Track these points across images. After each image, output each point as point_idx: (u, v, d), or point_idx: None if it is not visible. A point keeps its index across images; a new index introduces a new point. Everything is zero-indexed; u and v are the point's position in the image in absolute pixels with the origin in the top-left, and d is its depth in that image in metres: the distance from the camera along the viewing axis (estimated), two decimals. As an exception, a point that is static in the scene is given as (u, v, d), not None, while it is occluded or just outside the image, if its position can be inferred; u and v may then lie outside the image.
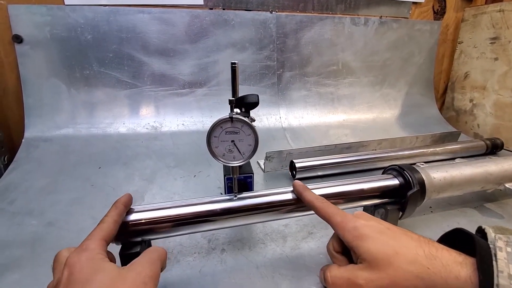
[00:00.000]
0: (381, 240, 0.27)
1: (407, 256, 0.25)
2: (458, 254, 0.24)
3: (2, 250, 0.37)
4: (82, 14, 0.65)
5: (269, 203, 0.34)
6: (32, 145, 0.62)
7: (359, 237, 0.27)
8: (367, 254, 0.26)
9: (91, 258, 0.23)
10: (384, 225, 0.29)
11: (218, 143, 0.31)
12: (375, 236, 0.27)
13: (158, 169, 0.58)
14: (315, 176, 0.56)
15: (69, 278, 0.22)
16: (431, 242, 0.26)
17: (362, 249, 0.26)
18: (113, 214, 0.28)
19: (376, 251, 0.26)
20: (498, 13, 0.80)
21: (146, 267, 0.24)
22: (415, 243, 0.26)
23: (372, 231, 0.27)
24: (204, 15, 0.71)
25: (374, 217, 0.30)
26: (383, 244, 0.26)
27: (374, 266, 0.25)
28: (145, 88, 0.72)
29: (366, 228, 0.28)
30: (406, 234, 0.27)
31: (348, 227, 0.28)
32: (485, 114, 0.85)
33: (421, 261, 0.24)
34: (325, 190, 0.36)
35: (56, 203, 0.47)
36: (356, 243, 0.27)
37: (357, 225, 0.28)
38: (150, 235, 0.31)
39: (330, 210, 0.30)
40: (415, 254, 0.25)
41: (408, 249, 0.25)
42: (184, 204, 0.32)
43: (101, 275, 0.22)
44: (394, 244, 0.26)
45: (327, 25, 0.81)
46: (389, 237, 0.27)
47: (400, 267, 0.25)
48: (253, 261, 0.34)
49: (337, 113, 0.86)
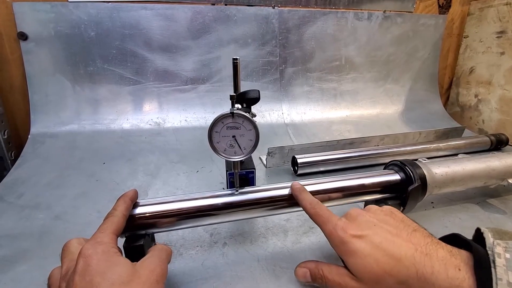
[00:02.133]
0: (369, 257, 0.25)
1: (397, 277, 0.24)
2: (455, 268, 0.22)
3: (11, 242, 0.38)
4: (85, 10, 0.65)
5: (270, 197, 0.34)
6: (38, 141, 0.64)
7: (346, 253, 0.26)
8: (355, 271, 0.26)
9: (107, 251, 0.24)
10: (381, 231, 0.26)
11: (220, 138, 0.31)
12: (364, 252, 0.25)
13: (162, 164, 0.59)
14: (317, 171, 0.56)
15: (86, 268, 0.22)
16: (430, 254, 0.24)
17: (350, 265, 0.26)
18: (122, 209, 0.29)
19: (364, 270, 0.25)
20: (505, 6, 0.79)
21: (158, 266, 0.25)
22: (410, 259, 0.24)
23: (362, 247, 0.26)
24: (206, 11, 0.71)
25: (374, 219, 0.28)
26: (372, 263, 0.25)
27: (363, 281, 0.25)
28: (148, 85, 0.73)
29: (356, 243, 0.26)
30: (407, 242, 0.25)
31: (337, 241, 0.27)
32: (490, 109, 0.84)
33: (413, 283, 0.23)
34: (326, 185, 0.36)
35: (62, 197, 0.48)
36: (344, 258, 0.27)
37: (345, 240, 0.26)
38: (154, 229, 0.32)
39: (320, 219, 0.29)
40: (406, 274, 0.23)
41: (400, 267, 0.24)
42: (187, 198, 0.33)
43: (117, 269, 0.23)
44: (386, 262, 0.24)
45: (330, 20, 0.80)
46: (382, 252, 0.25)
47: (388, 287, 0.24)
48: (254, 254, 0.35)
49: (340, 109, 0.86)
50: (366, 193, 0.38)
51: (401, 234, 0.26)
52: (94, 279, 0.22)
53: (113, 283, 0.22)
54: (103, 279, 0.22)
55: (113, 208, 0.29)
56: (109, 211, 0.29)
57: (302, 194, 0.33)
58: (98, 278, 0.22)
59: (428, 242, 0.25)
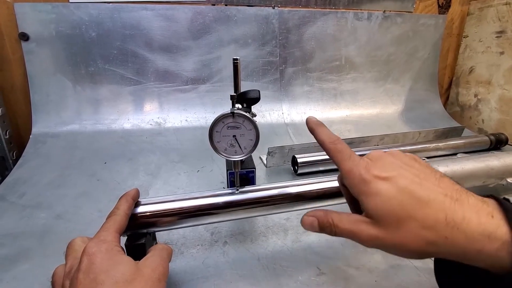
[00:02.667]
0: (394, 199, 0.22)
1: (423, 221, 0.21)
2: (488, 216, 0.20)
3: (13, 241, 0.38)
4: (86, 11, 0.66)
5: (270, 196, 0.34)
6: (40, 141, 0.64)
7: (367, 193, 0.23)
8: (375, 213, 0.23)
9: (110, 250, 0.24)
10: (407, 173, 0.23)
11: (220, 138, 0.31)
12: (388, 194, 0.22)
13: (162, 164, 0.60)
14: (317, 171, 0.56)
15: (90, 266, 0.22)
16: (461, 200, 0.21)
17: (369, 205, 0.23)
18: (124, 208, 0.29)
19: (386, 213, 0.22)
20: (504, 6, 0.79)
21: (160, 265, 0.25)
22: (439, 203, 0.21)
23: (386, 188, 0.23)
24: (206, 11, 0.72)
25: (398, 161, 0.25)
26: (396, 205, 0.22)
27: (381, 224, 0.22)
28: (149, 85, 0.73)
29: (379, 184, 0.23)
30: (436, 186, 0.22)
31: (357, 179, 0.24)
32: (490, 109, 0.84)
33: (440, 228, 0.21)
34: (326, 184, 0.36)
35: (63, 197, 0.48)
36: (362, 198, 0.23)
37: (367, 179, 0.23)
38: (155, 227, 0.32)
39: (340, 156, 0.26)
40: (435, 219, 0.21)
41: (427, 211, 0.21)
42: (188, 197, 0.33)
43: (121, 267, 0.23)
44: (411, 205, 0.22)
45: (330, 20, 0.80)
46: (407, 195, 0.22)
47: (411, 231, 0.21)
48: (254, 253, 0.35)
49: (340, 109, 0.86)
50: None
51: (429, 178, 0.23)
52: (98, 277, 0.22)
53: (116, 281, 0.22)
54: (107, 277, 0.22)
55: (115, 207, 0.29)
56: (112, 210, 0.29)
57: (320, 127, 0.29)
58: (102, 276, 0.22)
59: (457, 188, 0.23)
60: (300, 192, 0.35)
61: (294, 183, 0.36)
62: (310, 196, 0.35)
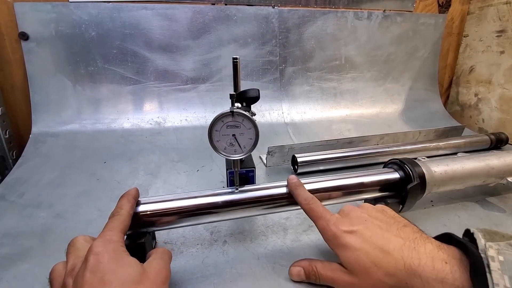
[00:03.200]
0: (360, 250, 0.26)
1: (386, 269, 0.25)
2: (442, 262, 0.23)
3: (13, 241, 0.38)
4: (86, 11, 0.65)
5: (269, 196, 0.34)
6: (40, 140, 0.64)
7: (338, 246, 0.28)
8: (346, 264, 0.27)
9: (117, 250, 0.24)
10: (371, 226, 0.28)
11: (220, 137, 0.31)
12: (355, 246, 0.27)
13: (162, 163, 0.59)
14: (317, 170, 0.56)
15: (97, 265, 0.22)
16: (418, 248, 0.25)
17: (342, 258, 0.27)
18: (127, 208, 0.29)
19: (355, 263, 0.26)
20: (505, 5, 0.79)
21: (164, 268, 0.26)
22: (398, 252, 0.25)
23: (353, 241, 0.27)
24: (206, 11, 0.72)
25: (365, 214, 0.29)
26: (362, 255, 0.26)
27: (354, 273, 0.27)
28: (148, 84, 0.73)
29: (347, 237, 0.27)
30: (396, 236, 0.26)
31: (329, 235, 0.29)
32: (490, 108, 0.84)
33: (400, 275, 0.24)
34: (325, 183, 0.36)
35: (63, 196, 0.48)
36: (337, 251, 0.28)
37: (337, 234, 0.28)
38: (155, 227, 0.32)
39: (314, 214, 0.30)
40: (395, 267, 0.25)
41: (389, 260, 0.25)
42: (187, 196, 0.33)
43: (128, 268, 0.23)
44: (375, 255, 0.26)
45: (330, 20, 0.80)
46: (371, 246, 0.26)
47: (377, 279, 0.25)
48: (254, 252, 0.35)
49: (340, 108, 0.86)
50: (365, 192, 0.38)
51: (391, 229, 0.27)
52: (106, 276, 0.22)
53: (124, 282, 0.22)
54: (115, 277, 0.22)
55: (118, 206, 0.29)
56: (114, 210, 0.29)
57: (298, 189, 0.33)
58: (109, 276, 0.22)
59: (416, 237, 0.26)
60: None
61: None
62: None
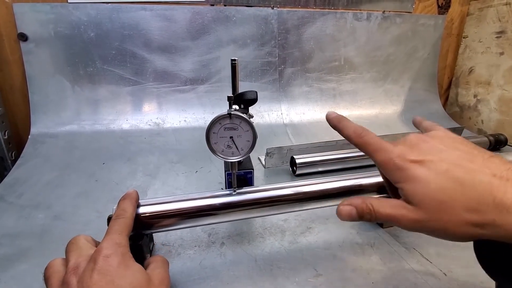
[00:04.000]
0: (434, 184, 0.21)
1: (466, 203, 0.20)
2: None
3: (12, 241, 0.38)
4: (85, 11, 0.66)
5: (267, 198, 0.34)
6: (39, 141, 0.64)
7: (404, 180, 0.23)
8: (413, 198, 0.22)
9: (125, 254, 0.25)
10: (449, 157, 0.22)
11: (217, 139, 0.31)
12: (427, 179, 0.22)
13: (161, 164, 0.60)
14: (316, 172, 0.56)
15: (108, 268, 0.22)
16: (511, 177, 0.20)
17: (408, 191, 0.22)
18: (131, 211, 0.29)
19: (425, 197, 0.21)
20: (504, 7, 0.79)
21: (166, 278, 0.27)
22: (485, 185, 0.20)
23: (424, 173, 0.22)
24: (205, 12, 0.72)
25: (440, 144, 0.24)
26: (436, 189, 0.21)
27: (422, 209, 0.22)
28: (147, 85, 0.73)
29: (417, 169, 0.22)
30: (482, 167, 0.21)
31: (392, 168, 0.23)
32: (490, 109, 0.84)
33: (486, 210, 0.19)
34: (323, 185, 0.36)
35: (62, 197, 0.48)
36: (401, 185, 0.23)
37: (404, 166, 0.23)
38: (153, 229, 0.32)
39: (370, 148, 0.26)
40: (478, 201, 0.20)
41: (471, 194, 0.20)
42: (185, 198, 0.33)
43: (137, 275, 0.24)
44: (453, 189, 0.21)
45: (329, 21, 0.80)
46: (448, 179, 0.21)
47: (453, 215, 0.20)
48: (252, 254, 0.35)
49: (339, 109, 0.86)
50: (364, 193, 0.38)
51: (475, 160, 0.22)
52: (116, 280, 0.22)
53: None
54: (125, 282, 0.22)
55: (121, 209, 0.29)
56: (118, 211, 0.29)
57: (343, 121, 0.28)
58: (119, 281, 0.22)
59: (509, 167, 0.21)
60: (297, 193, 0.35)
61: (291, 184, 0.36)
62: (308, 197, 0.35)
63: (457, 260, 0.34)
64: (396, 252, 0.36)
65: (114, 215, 0.29)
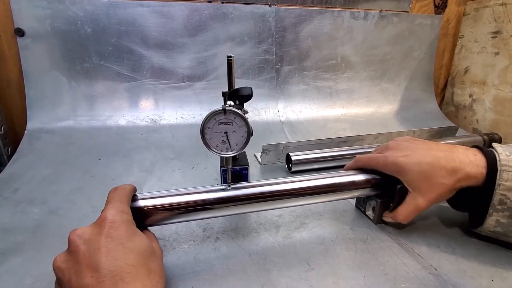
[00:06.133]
0: (420, 165, 0.34)
1: (444, 170, 0.33)
2: (473, 155, 0.33)
3: (7, 236, 0.38)
4: (82, 7, 0.65)
5: (261, 193, 0.35)
6: (34, 137, 0.64)
7: (402, 171, 0.35)
8: (411, 182, 0.35)
9: (130, 222, 0.26)
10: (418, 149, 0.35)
11: (212, 134, 0.32)
12: (413, 162, 0.34)
13: (157, 161, 0.60)
14: (311, 169, 0.57)
15: (115, 233, 0.23)
16: (454, 151, 0.34)
17: (407, 177, 0.35)
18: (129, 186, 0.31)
19: (419, 174, 0.34)
20: (500, 7, 0.79)
21: (161, 249, 0.29)
22: (444, 159, 0.33)
23: (411, 160, 0.34)
24: (203, 9, 0.72)
25: (407, 142, 0.37)
26: (424, 167, 0.34)
27: (420, 190, 0.34)
28: (144, 81, 0.73)
29: (406, 160, 0.35)
30: (438, 152, 0.34)
31: (390, 164, 0.36)
32: (485, 109, 0.85)
33: (452, 173, 0.33)
34: (316, 181, 0.37)
35: (57, 193, 0.48)
36: (401, 177, 0.35)
37: (397, 162, 0.35)
38: (149, 222, 0.32)
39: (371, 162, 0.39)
40: (446, 170, 0.33)
41: (442, 164, 0.33)
42: (181, 193, 0.33)
43: (144, 241, 0.25)
44: (431, 165, 0.33)
45: (326, 19, 0.81)
46: (426, 159, 0.34)
47: (441, 183, 0.33)
48: (246, 249, 0.36)
49: (335, 107, 0.86)
50: (357, 190, 0.38)
51: (431, 147, 0.36)
52: (126, 243, 0.23)
53: (143, 251, 0.24)
54: (134, 245, 0.23)
55: (119, 186, 0.30)
56: (116, 187, 0.30)
57: (357, 162, 0.41)
58: (129, 244, 0.23)
59: (449, 147, 0.35)
60: (291, 189, 0.35)
61: (285, 180, 0.36)
62: (302, 193, 0.36)
63: (447, 256, 0.35)
64: (388, 247, 0.36)
65: (112, 188, 0.29)
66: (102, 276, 0.21)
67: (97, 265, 0.21)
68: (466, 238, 0.38)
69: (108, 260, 0.21)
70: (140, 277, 0.22)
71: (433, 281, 0.31)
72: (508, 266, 0.33)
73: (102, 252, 0.22)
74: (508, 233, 0.32)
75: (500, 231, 0.32)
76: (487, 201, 0.32)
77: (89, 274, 0.21)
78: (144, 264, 0.23)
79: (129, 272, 0.21)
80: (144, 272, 0.23)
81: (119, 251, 0.22)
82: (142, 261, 0.23)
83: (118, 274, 0.21)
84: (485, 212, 0.32)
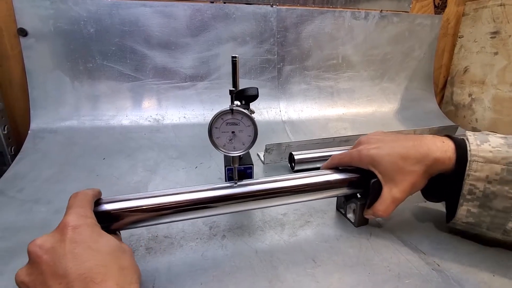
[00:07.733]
0: (391, 155, 0.35)
1: (413, 159, 0.34)
2: (441, 141, 0.34)
3: (13, 235, 0.39)
4: (84, 7, 0.66)
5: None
6: (38, 136, 0.64)
7: (375, 163, 0.36)
8: (384, 172, 0.35)
9: (95, 225, 0.25)
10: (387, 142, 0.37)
11: (219, 133, 0.32)
12: (384, 153, 0.35)
13: (161, 160, 0.60)
14: (314, 168, 0.57)
15: (78, 237, 0.23)
16: (422, 139, 0.35)
17: (381, 168, 0.35)
18: (91, 192, 0.30)
19: (391, 164, 0.35)
20: (499, 7, 0.80)
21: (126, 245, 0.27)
22: (412, 148, 0.34)
23: (382, 151, 0.36)
24: (205, 9, 0.72)
25: (377, 136, 0.38)
26: (394, 157, 0.35)
27: (393, 180, 0.35)
28: (147, 81, 0.73)
29: (377, 151, 0.36)
30: (404, 141, 0.36)
31: (364, 156, 0.36)
32: (484, 108, 0.86)
33: (421, 160, 0.34)
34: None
35: (62, 192, 0.48)
36: (375, 169, 0.36)
37: (370, 154, 0.36)
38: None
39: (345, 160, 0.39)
40: (415, 157, 0.34)
41: (411, 154, 0.34)
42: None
43: (111, 241, 0.24)
44: (401, 155, 0.34)
45: (328, 19, 0.81)
46: (395, 149, 0.35)
47: (411, 171, 0.34)
48: (252, 246, 0.36)
49: (336, 107, 0.87)
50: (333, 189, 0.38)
51: (399, 138, 0.37)
52: (92, 245, 0.22)
53: (112, 251, 0.23)
54: (102, 246, 0.23)
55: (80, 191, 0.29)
56: (75, 193, 0.29)
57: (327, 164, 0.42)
58: (96, 245, 0.22)
59: (417, 136, 0.36)
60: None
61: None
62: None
63: (449, 252, 0.35)
64: (392, 245, 0.37)
65: (73, 194, 0.28)
66: (71, 281, 0.20)
67: (64, 272, 0.21)
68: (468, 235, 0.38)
69: (76, 265, 0.21)
70: (112, 275, 0.22)
71: (436, 277, 0.32)
72: (509, 261, 0.34)
73: (68, 258, 0.21)
74: (480, 223, 0.33)
75: (473, 222, 0.33)
76: (458, 192, 0.32)
77: (56, 282, 0.20)
78: (115, 263, 0.23)
79: (99, 272, 0.21)
80: (116, 270, 0.22)
81: (86, 254, 0.22)
82: (113, 260, 0.23)
83: (88, 276, 0.21)
84: (457, 203, 0.33)
